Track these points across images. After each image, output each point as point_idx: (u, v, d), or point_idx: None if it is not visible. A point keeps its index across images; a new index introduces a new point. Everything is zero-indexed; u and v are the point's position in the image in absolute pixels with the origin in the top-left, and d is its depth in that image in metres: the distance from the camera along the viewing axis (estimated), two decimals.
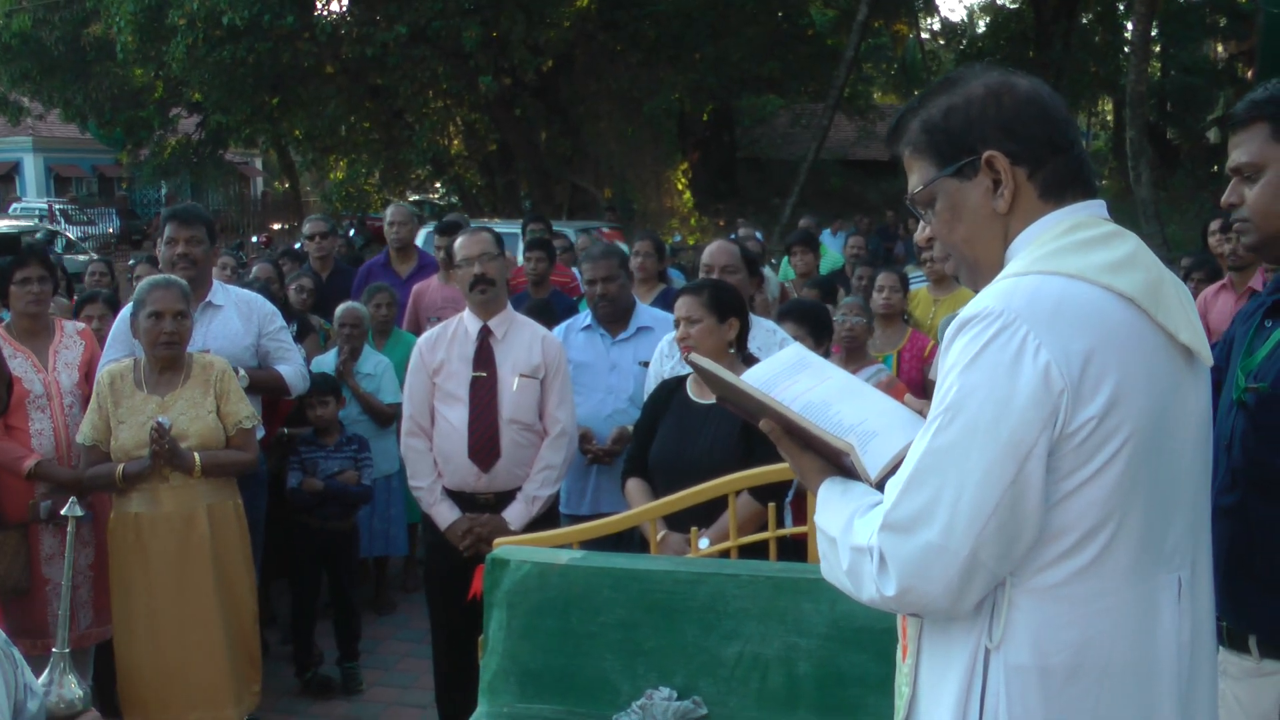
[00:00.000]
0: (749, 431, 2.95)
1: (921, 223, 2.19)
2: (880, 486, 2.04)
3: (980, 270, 2.10)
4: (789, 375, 2.25)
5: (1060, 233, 2.01)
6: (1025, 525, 1.89)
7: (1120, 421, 1.88)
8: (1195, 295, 7.23)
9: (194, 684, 4.94)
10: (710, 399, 4.52)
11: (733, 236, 11.18)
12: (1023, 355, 1.86)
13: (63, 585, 2.39)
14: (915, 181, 2.14)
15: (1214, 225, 8.17)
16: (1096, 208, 2.07)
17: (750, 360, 4.47)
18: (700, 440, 4.55)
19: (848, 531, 2.03)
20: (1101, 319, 1.91)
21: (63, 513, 2.44)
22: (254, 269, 8.42)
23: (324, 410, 6.51)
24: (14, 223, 25.96)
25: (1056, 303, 1.90)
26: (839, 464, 2.16)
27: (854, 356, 5.96)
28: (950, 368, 1.93)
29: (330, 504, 6.36)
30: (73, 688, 2.16)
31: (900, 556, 1.92)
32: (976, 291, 2.05)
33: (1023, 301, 1.90)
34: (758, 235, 15.33)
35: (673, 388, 4.82)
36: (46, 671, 2.14)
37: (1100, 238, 2.01)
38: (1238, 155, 2.67)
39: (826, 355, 5.53)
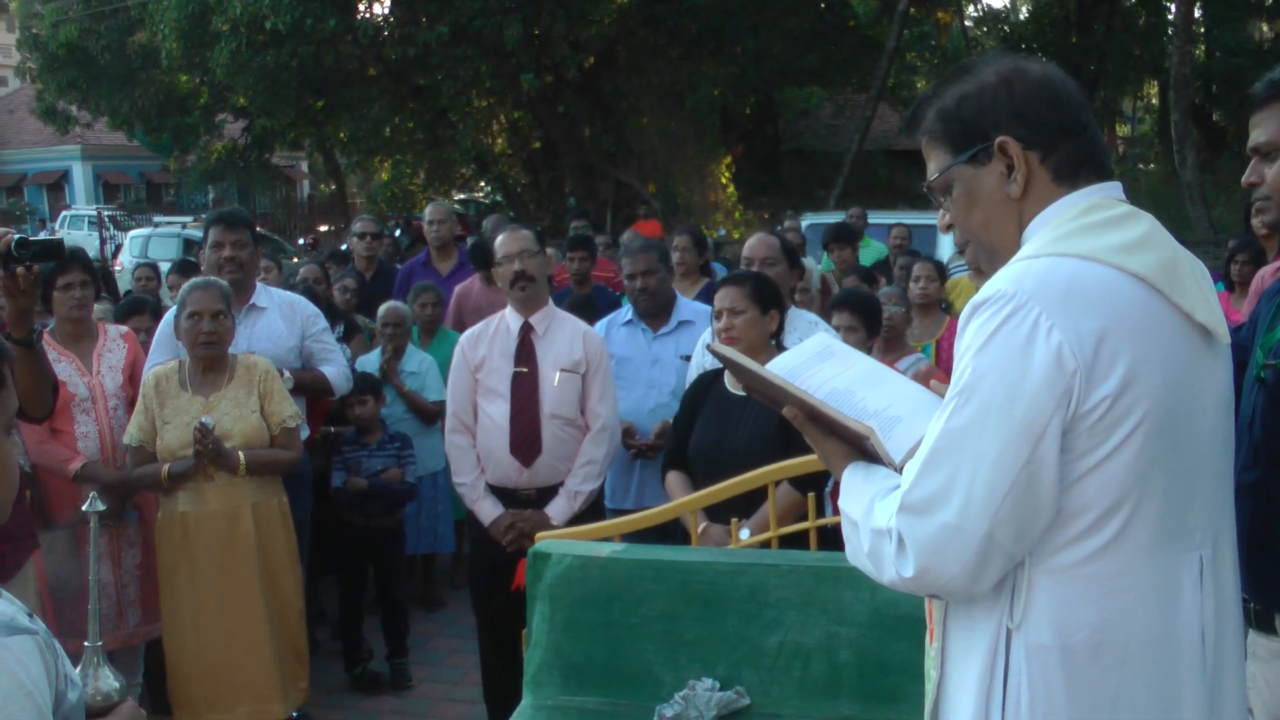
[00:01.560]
0: (788, 422, 2.91)
1: (941, 210, 2.20)
2: None
3: (998, 255, 2.11)
4: (814, 364, 2.27)
5: (1074, 215, 2.02)
6: (1041, 505, 1.90)
7: (1135, 400, 1.89)
8: (1239, 277, 7.19)
9: (241, 679, 5.00)
10: None
11: (778, 228, 11.13)
12: (1035, 336, 1.87)
13: (89, 580, 2.41)
14: (932, 169, 2.17)
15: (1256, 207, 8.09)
16: (1111, 189, 2.08)
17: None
18: (739, 431, 4.55)
19: (868, 514, 2.06)
20: (1114, 299, 1.92)
21: (84, 509, 2.46)
22: (300, 270, 8.46)
23: (363, 409, 6.54)
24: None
25: (1068, 284, 1.91)
26: (862, 449, 2.18)
27: (893, 346, 5.94)
28: (964, 350, 1.95)
29: (374, 501, 6.41)
30: (108, 680, 2.19)
31: (917, 538, 1.93)
32: None
33: (1035, 283, 1.91)
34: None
35: (710, 380, 4.82)
36: (80, 666, 2.17)
37: (1114, 219, 2.01)
38: (1257, 135, 2.66)
39: (872, 349, 5.52)
